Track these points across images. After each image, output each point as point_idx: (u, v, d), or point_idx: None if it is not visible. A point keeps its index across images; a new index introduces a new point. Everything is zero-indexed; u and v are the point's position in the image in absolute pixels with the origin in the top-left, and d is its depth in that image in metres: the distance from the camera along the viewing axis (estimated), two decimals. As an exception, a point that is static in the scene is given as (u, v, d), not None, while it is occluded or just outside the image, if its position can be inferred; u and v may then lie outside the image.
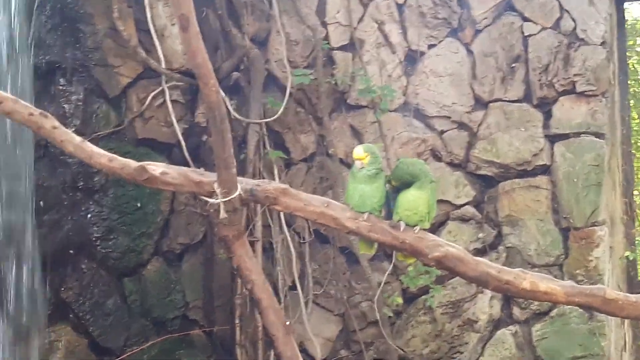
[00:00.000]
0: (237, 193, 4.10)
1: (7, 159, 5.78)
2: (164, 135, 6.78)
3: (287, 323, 4.28)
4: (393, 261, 7.01)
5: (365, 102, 7.12)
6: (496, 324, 7.01)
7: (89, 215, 6.36)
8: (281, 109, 6.89)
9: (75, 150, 4.15)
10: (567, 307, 6.69)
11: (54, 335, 6.19)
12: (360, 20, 7.18)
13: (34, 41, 6.07)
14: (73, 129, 5.98)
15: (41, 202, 6.07)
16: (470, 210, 7.09)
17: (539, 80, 7.01)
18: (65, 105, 6.28)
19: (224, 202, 4.09)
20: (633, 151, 8.83)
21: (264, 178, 6.75)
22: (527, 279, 4.16)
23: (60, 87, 6.28)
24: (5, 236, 5.74)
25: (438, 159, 7.16)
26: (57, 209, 6.22)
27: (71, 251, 6.27)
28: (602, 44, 6.86)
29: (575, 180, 6.88)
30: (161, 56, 6.66)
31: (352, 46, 7.14)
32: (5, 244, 5.74)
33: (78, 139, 4.17)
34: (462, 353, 7.00)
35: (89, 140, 4.24)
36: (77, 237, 6.30)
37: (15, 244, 5.79)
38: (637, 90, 10.81)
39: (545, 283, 4.19)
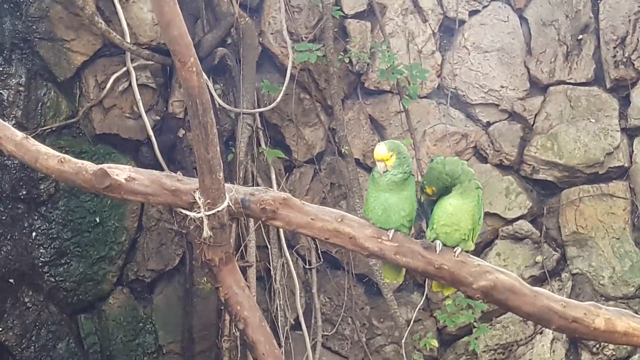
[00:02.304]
0: (224, 204, 4.10)
1: None
2: (129, 130, 6.78)
3: (290, 373, 4.28)
4: (426, 292, 7.02)
5: (388, 86, 7.13)
6: (560, 373, 7.02)
7: (33, 234, 6.36)
8: (280, 96, 6.89)
9: (17, 150, 4.14)
10: (652, 352, 6.70)
11: (-10, 388, 6.24)
12: (382, -21, 7.22)
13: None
14: (13, 122, 6.01)
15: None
16: (524, 226, 7.09)
17: (614, 56, 7.01)
18: (3, 91, 6.27)
19: (208, 216, 4.08)
20: None
21: (258, 185, 6.75)
22: (601, 316, 4.15)
23: (-4, 68, 6.33)
24: None
25: (483, 159, 7.17)
26: (-7, 225, 6.25)
27: (11, 280, 6.28)
28: (696, 9, 6.90)
29: (661, 186, 6.91)
30: (125, 27, 6.67)
31: (371, 13, 7.14)
32: None
33: (20, 134, 4.17)
34: (515, 411, 7.02)
35: (33, 136, 4.22)
36: (19, 262, 6.30)
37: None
38: None
39: (624, 321, 4.17)
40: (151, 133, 6.77)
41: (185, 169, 6.53)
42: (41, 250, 6.38)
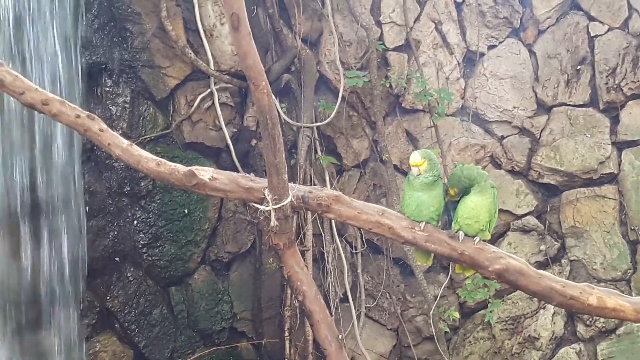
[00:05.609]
0: (288, 200, 4.07)
1: (55, 163, 5.83)
2: (212, 139, 6.80)
3: (340, 337, 4.24)
4: (450, 273, 6.98)
5: (421, 106, 7.10)
6: (559, 342, 6.93)
7: (135, 222, 6.39)
8: (333, 113, 6.88)
9: (123, 154, 4.15)
10: (635, 325, 6.60)
11: (100, 346, 6.25)
12: (417, 19, 7.16)
13: (81, 41, 6.12)
14: (119, 132, 6.03)
15: (87, 208, 6.12)
16: (531, 220, 7.03)
17: (606, 83, 6.93)
18: (112, 108, 6.31)
19: (275, 209, 4.06)
20: None
21: (315, 184, 6.73)
22: (594, 295, 4.09)
23: (107, 89, 6.32)
24: (54, 242, 5.81)
25: (498, 166, 7.12)
26: (103, 214, 6.26)
27: (117, 259, 6.32)
28: (675, 45, 6.78)
29: (644, 189, 6.81)
30: (210, 57, 6.69)
31: (408, 47, 7.12)
32: (55, 250, 5.80)
33: (125, 142, 4.18)
34: (522, 371, 6.95)
35: (135, 144, 4.24)
36: (123, 244, 6.34)
37: (65, 250, 5.86)
38: None
39: (613, 299, 4.11)
40: (230, 142, 6.79)
41: (256, 171, 6.55)
42: (141, 235, 6.41)
